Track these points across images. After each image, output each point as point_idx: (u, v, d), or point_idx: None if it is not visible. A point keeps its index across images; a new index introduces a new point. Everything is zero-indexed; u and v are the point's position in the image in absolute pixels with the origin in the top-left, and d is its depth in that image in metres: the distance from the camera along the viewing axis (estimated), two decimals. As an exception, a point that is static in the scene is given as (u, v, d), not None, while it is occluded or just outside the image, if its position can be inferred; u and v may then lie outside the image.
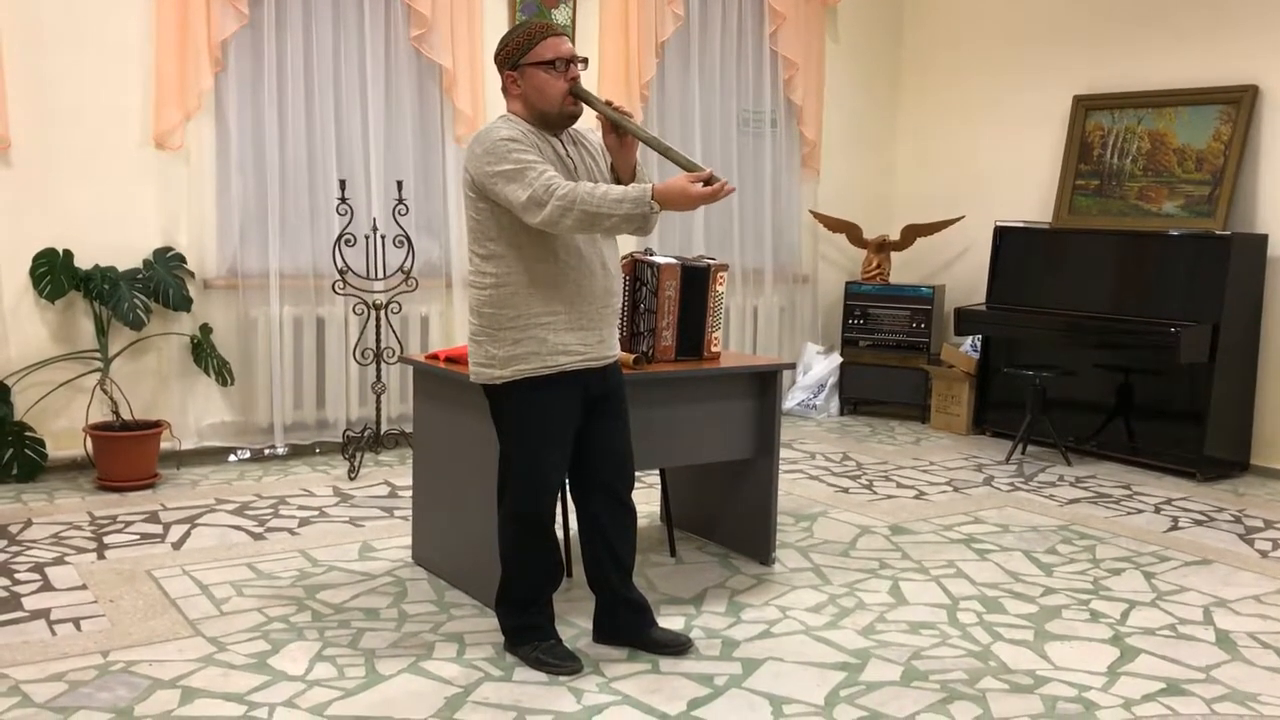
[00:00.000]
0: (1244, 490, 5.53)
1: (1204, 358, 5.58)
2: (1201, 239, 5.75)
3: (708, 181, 2.85)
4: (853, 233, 7.30)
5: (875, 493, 5.26)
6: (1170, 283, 5.82)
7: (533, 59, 3.01)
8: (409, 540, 4.18)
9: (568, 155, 3.09)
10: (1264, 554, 4.46)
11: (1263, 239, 5.78)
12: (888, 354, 7.08)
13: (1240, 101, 5.89)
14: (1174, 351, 5.49)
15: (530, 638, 3.19)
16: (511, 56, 3.04)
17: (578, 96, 3.04)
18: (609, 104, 3.05)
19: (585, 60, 3.12)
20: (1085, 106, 6.57)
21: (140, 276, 5.14)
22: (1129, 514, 5.01)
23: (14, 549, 4.07)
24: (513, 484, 3.14)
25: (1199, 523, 4.89)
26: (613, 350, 3.20)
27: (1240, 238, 5.68)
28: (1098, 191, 6.47)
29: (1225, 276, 5.58)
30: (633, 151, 3.12)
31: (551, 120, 3.06)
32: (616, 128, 3.07)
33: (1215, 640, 3.51)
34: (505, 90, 3.10)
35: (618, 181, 3.16)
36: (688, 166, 2.92)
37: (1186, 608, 3.80)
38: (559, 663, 3.13)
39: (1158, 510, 5.09)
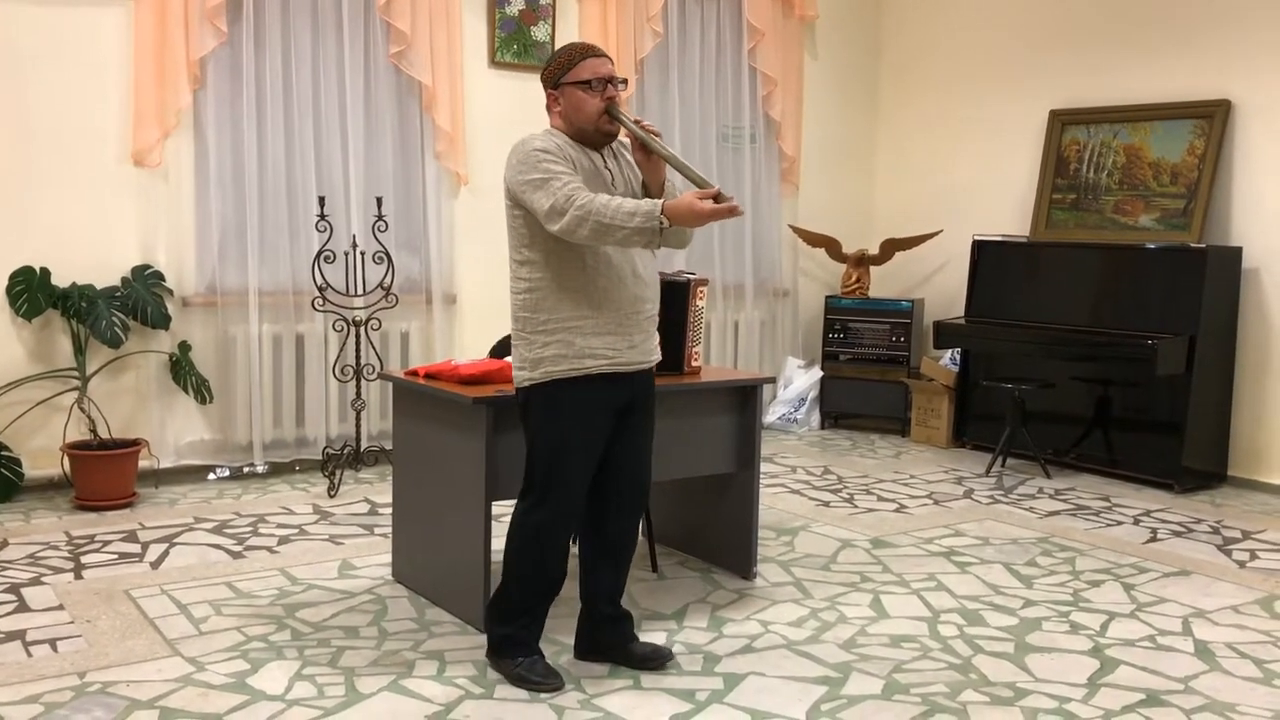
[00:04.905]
0: (1221, 501, 5.56)
1: (1181, 370, 5.62)
2: (1177, 252, 5.79)
3: (717, 199, 2.91)
4: (832, 247, 7.33)
5: (856, 506, 5.27)
6: (1147, 295, 5.86)
7: (572, 78, 3.12)
8: (389, 558, 4.16)
9: (606, 167, 3.18)
10: (1242, 564, 4.49)
11: (1237, 251, 5.84)
12: (868, 368, 7.11)
13: (1213, 116, 5.95)
14: (1151, 364, 5.52)
15: (514, 651, 3.19)
16: (554, 76, 3.16)
17: (612, 115, 3.12)
18: (638, 122, 3.14)
19: (625, 81, 3.24)
20: (1061, 121, 6.62)
21: (118, 294, 5.12)
22: (1108, 526, 5.03)
23: (-10, 570, 4.04)
24: (534, 486, 3.15)
25: (1177, 534, 4.92)
26: (644, 356, 3.21)
27: (1215, 250, 5.73)
28: (1074, 205, 6.52)
29: (1201, 289, 5.62)
30: (660, 168, 3.20)
31: (589, 137, 3.15)
32: (643, 145, 3.14)
33: (1194, 651, 3.53)
34: (548, 107, 3.21)
35: (648, 195, 3.23)
36: (699, 184, 3.01)
37: (1165, 619, 3.82)
38: (540, 680, 3.12)
39: (1137, 522, 5.12)
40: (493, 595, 3.26)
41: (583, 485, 3.15)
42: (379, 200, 5.57)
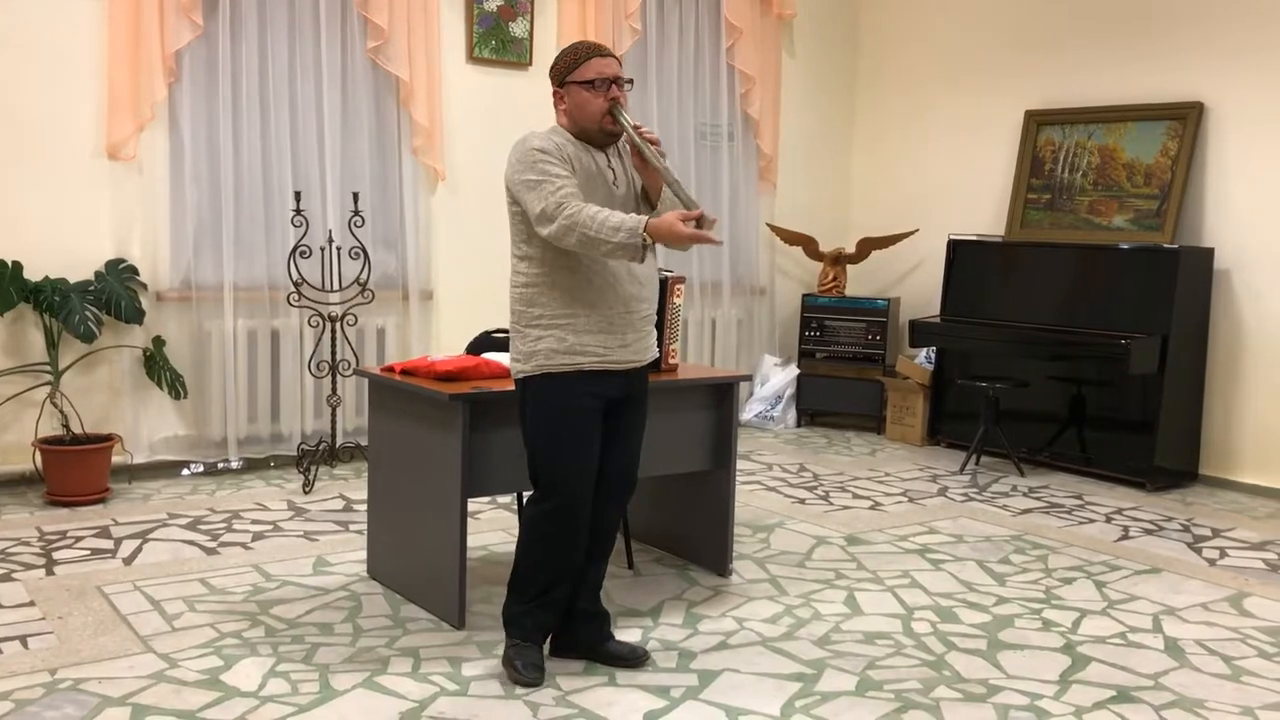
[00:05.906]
0: (1192, 500, 5.62)
1: (1153, 369, 5.67)
2: (1150, 252, 5.84)
3: (700, 222, 2.92)
4: (809, 245, 7.35)
5: (831, 503, 5.29)
6: (1120, 295, 5.91)
7: (576, 77, 3.14)
8: (364, 554, 4.15)
9: (609, 167, 3.19)
10: (1211, 562, 4.53)
11: (1209, 252, 5.89)
12: (844, 366, 7.14)
13: (1187, 117, 6.00)
14: (1124, 363, 5.57)
15: (514, 631, 3.23)
16: (560, 74, 3.18)
17: (614, 116, 3.14)
18: (638, 129, 3.14)
19: (630, 81, 3.24)
20: (1037, 121, 6.66)
21: (92, 288, 5.08)
22: (1080, 524, 5.07)
23: (-40, 566, 4.01)
24: (538, 477, 3.18)
25: (1149, 532, 4.97)
26: (637, 355, 3.22)
27: (1188, 251, 5.77)
28: (1049, 205, 6.56)
29: (1174, 289, 5.67)
30: (657, 175, 3.19)
31: (593, 136, 3.16)
32: (639, 152, 3.15)
33: (1164, 648, 3.57)
34: (554, 105, 3.22)
35: (647, 198, 3.24)
36: (686, 204, 3.01)
37: (1136, 616, 3.86)
38: (518, 671, 3.13)
39: (1109, 520, 5.16)
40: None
41: (583, 475, 3.16)
42: (355, 195, 5.55)
